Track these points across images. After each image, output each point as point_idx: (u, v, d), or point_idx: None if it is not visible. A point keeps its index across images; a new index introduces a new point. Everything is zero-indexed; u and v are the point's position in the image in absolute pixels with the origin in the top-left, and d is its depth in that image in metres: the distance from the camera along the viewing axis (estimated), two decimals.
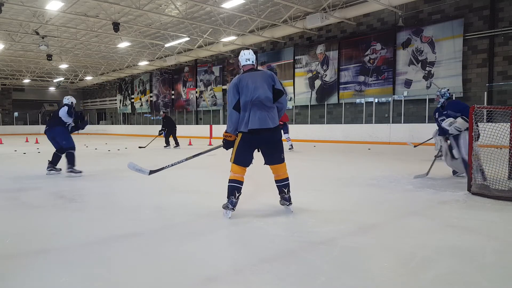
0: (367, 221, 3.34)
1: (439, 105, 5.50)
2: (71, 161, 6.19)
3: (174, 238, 2.96)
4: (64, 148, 6.24)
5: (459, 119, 4.99)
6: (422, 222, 3.35)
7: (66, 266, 2.37)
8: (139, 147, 13.43)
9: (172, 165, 3.56)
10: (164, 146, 13.28)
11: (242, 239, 2.94)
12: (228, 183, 3.43)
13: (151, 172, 3.46)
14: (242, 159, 3.41)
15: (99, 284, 2.12)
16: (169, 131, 13.28)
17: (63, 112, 6.24)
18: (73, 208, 4.11)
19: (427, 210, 3.77)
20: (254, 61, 3.61)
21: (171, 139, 13.45)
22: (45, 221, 3.56)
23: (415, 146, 9.98)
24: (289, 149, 11.14)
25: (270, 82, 3.43)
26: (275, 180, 3.56)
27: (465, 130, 4.94)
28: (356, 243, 2.77)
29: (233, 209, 3.41)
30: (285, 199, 3.55)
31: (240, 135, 3.41)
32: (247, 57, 3.58)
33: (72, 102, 6.49)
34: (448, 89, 5.62)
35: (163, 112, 13.97)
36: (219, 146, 3.70)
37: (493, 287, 2.07)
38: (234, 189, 3.39)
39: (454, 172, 5.69)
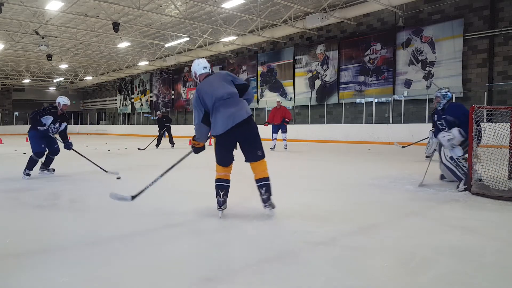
0: (367, 221, 3.34)
1: (439, 107, 5.14)
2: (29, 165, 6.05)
3: (173, 238, 2.96)
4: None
5: (457, 135, 4.71)
6: (422, 222, 3.35)
7: (66, 266, 2.37)
8: (138, 149, 13.40)
9: (150, 185, 3.54)
10: (156, 146, 13.05)
11: (242, 239, 2.94)
12: (215, 183, 3.42)
13: (133, 197, 3.44)
14: (223, 160, 3.39)
15: (99, 284, 2.12)
16: (167, 130, 13.21)
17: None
18: (73, 208, 4.11)
19: (427, 210, 3.77)
20: (209, 68, 3.57)
21: (163, 140, 13.30)
22: (45, 221, 3.56)
23: (403, 147, 9.77)
24: (285, 148, 11.31)
25: (228, 80, 3.37)
26: (254, 180, 3.39)
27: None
28: (356, 243, 2.77)
29: (221, 208, 3.38)
30: (263, 200, 3.34)
31: (214, 138, 3.38)
32: (204, 65, 3.52)
33: (59, 103, 6.16)
34: (449, 90, 5.28)
35: (160, 112, 13.86)
36: (190, 153, 3.67)
37: (493, 287, 2.07)
38: (219, 188, 3.37)
39: (442, 177, 5.41)
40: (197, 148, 3.56)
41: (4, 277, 2.20)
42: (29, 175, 6.03)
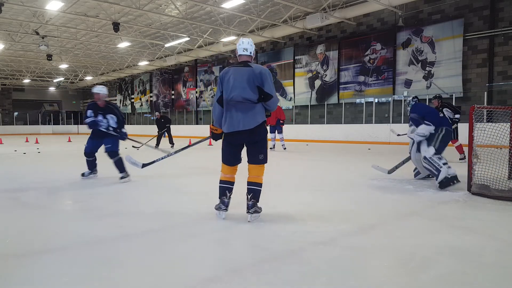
0: (367, 221, 3.34)
1: (408, 108, 5.42)
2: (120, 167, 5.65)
3: (174, 238, 2.96)
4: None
5: (421, 125, 4.98)
6: (422, 222, 3.35)
7: (66, 266, 2.37)
8: (133, 147, 13.32)
9: (163, 158, 3.50)
10: (155, 147, 12.67)
11: (242, 239, 2.94)
12: (219, 183, 3.39)
13: (144, 165, 3.42)
14: (228, 158, 3.34)
15: (99, 284, 2.12)
16: (167, 130, 13.14)
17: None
18: (73, 208, 4.11)
19: (427, 210, 3.77)
20: (252, 52, 3.29)
21: (163, 140, 13.20)
22: (45, 221, 3.55)
23: (398, 135, 9.96)
24: (284, 149, 11.31)
25: (255, 83, 3.11)
26: (247, 181, 3.31)
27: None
28: (356, 243, 2.77)
29: (226, 209, 3.36)
30: (247, 205, 3.24)
31: (223, 134, 3.32)
32: (244, 47, 3.26)
33: (93, 93, 5.67)
34: (415, 97, 5.52)
35: (159, 113, 13.78)
36: (208, 138, 3.56)
37: (493, 287, 2.07)
38: (225, 189, 3.35)
39: (417, 174, 5.62)
40: (216, 134, 3.40)
41: (4, 277, 2.20)
42: (85, 174, 5.90)
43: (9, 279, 2.18)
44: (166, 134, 13.32)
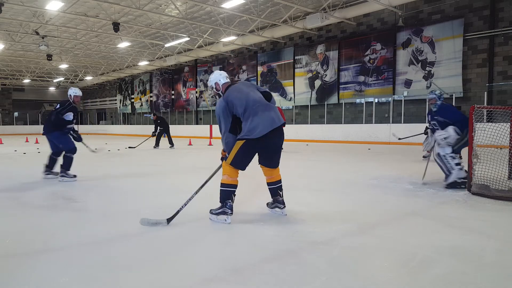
0: (367, 221, 3.34)
1: (434, 109, 5.16)
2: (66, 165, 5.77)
3: (174, 238, 2.96)
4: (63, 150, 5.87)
5: (453, 134, 4.79)
6: (422, 222, 3.35)
7: (66, 266, 2.37)
8: (129, 147, 13.24)
9: (185, 204, 3.40)
10: (154, 147, 12.98)
11: (242, 239, 2.94)
12: (223, 187, 3.28)
13: (169, 220, 3.28)
14: (242, 164, 3.27)
15: (99, 284, 2.12)
16: (164, 131, 13.12)
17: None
18: (73, 208, 4.10)
19: (427, 210, 3.77)
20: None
21: (162, 140, 13.25)
22: (45, 221, 3.55)
23: (399, 139, 10.12)
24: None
25: (254, 87, 3.45)
26: (268, 183, 3.46)
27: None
28: (356, 243, 2.77)
29: (231, 213, 3.33)
30: (280, 202, 3.47)
31: (243, 141, 3.20)
32: (225, 75, 3.53)
33: (70, 95, 5.85)
34: (441, 94, 5.26)
35: (154, 114, 13.71)
36: (219, 168, 3.55)
37: (493, 287, 2.07)
38: (231, 193, 3.30)
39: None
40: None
41: (4, 277, 2.20)
42: (75, 176, 5.83)
43: (9, 279, 2.18)
44: (165, 135, 13.28)
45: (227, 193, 3.28)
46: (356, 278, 2.16)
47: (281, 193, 3.46)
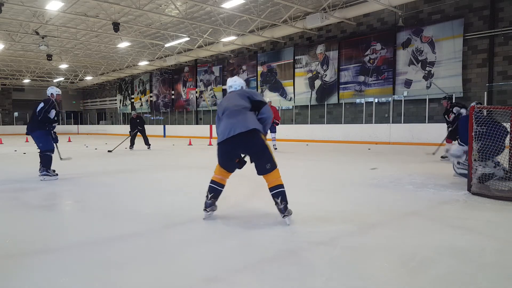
0: (367, 221, 3.34)
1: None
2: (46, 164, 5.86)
3: (174, 238, 2.96)
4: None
5: (460, 150, 5.08)
6: (422, 222, 3.35)
7: (66, 266, 2.37)
8: (108, 151, 11.75)
9: None
10: (130, 147, 12.34)
11: (242, 239, 2.94)
12: (210, 182, 3.41)
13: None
14: (223, 164, 3.37)
15: (99, 284, 2.12)
16: (141, 131, 12.52)
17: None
18: (73, 208, 4.11)
19: (427, 210, 3.77)
20: (237, 87, 3.59)
21: (138, 141, 12.67)
22: (45, 221, 3.56)
23: (433, 153, 8.58)
24: (275, 149, 10.97)
25: (244, 95, 3.44)
26: (268, 189, 3.31)
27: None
28: (356, 243, 2.77)
29: (205, 210, 3.35)
30: (279, 210, 3.22)
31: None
32: (230, 84, 3.65)
33: (52, 94, 6.01)
34: (464, 106, 5.51)
35: (136, 112, 13.29)
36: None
37: (493, 287, 2.07)
38: (210, 190, 3.36)
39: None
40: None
41: (4, 277, 2.20)
42: (57, 175, 5.97)
43: (9, 279, 2.18)
44: (139, 134, 12.60)
45: (210, 188, 3.38)
46: (356, 278, 2.16)
47: (277, 200, 3.19)
